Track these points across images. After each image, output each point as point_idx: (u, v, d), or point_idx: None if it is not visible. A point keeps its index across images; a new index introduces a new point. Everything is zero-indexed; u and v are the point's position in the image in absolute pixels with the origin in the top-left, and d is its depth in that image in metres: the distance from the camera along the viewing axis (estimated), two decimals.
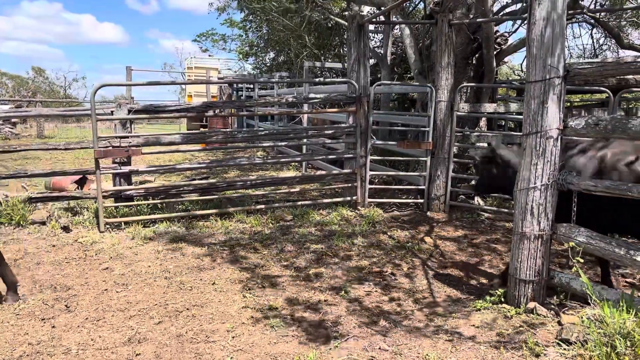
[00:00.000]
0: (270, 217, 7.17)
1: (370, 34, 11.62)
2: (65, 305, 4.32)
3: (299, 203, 7.61)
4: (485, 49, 8.39)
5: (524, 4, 9.04)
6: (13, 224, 6.69)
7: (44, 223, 6.77)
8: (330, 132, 7.89)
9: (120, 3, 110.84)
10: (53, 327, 3.92)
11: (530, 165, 4.04)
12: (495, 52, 8.63)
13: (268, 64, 21.62)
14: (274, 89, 15.37)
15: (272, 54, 21.07)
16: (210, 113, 8.45)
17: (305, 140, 8.22)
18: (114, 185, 7.05)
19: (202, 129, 18.65)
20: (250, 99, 16.98)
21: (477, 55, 8.65)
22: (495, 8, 9.59)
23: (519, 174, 4.17)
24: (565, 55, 4.08)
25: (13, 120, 20.17)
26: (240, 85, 20.04)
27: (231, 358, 3.45)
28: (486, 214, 7.47)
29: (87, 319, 4.06)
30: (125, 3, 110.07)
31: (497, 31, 9.16)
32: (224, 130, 9.68)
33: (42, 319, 4.05)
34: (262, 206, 7.47)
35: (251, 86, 19.05)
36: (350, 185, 7.71)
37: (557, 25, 3.88)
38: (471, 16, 8.33)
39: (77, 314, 4.15)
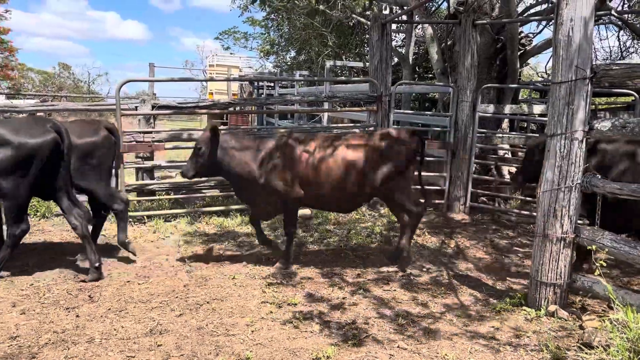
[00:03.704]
0: None
1: (392, 33, 11.57)
2: (89, 296, 4.41)
3: None
4: (509, 49, 8.31)
5: (550, 5, 8.93)
6: (38, 215, 6.84)
7: None
8: (350, 131, 7.88)
9: (144, 1, 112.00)
10: (77, 316, 4.00)
11: (554, 166, 4.01)
12: (519, 53, 8.54)
13: (289, 63, 21.69)
14: (294, 88, 15.43)
15: (292, 53, 21.15)
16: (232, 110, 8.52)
17: None
18: (137, 179, 7.15)
19: (222, 126, 18.79)
20: (271, 97, 17.07)
21: (500, 55, 8.56)
22: (520, 8, 9.49)
23: (543, 175, 4.13)
24: (592, 56, 4.03)
25: (39, 114, 20.54)
26: (261, 83, 20.13)
27: (250, 352, 3.49)
28: (507, 216, 7.41)
29: (109, 309, 4.14)
30: (149, 1, 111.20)
31: (521, 32, 9.06)
32: (245, 127, 9.74)
33: (67, 308, 4.14)
34: None
35: (272, 84, 19.13)
36: None
37: (584, 26, 3.83)
38: (494, 16, 8.26)
39: (100, 305, 4.23)
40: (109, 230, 6.35)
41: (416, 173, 5.46)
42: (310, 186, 5.06)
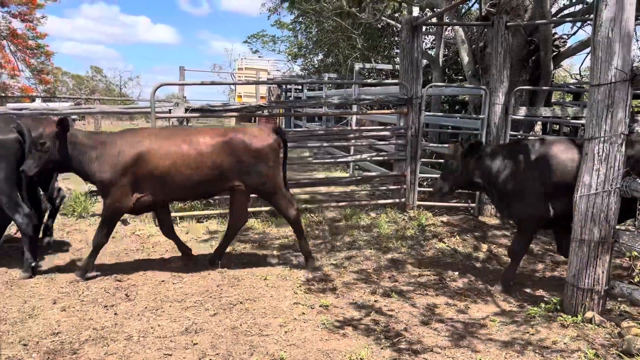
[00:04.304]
0: (319, 217, 7.22)
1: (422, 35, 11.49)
2: (126, 294, 4.51)
3: (347, 204, 7.63)
4: (542, 51, 8.18)
5: (584, 5, 8.77)
6: (75, 215, 7.02)
7: None
8: (380, 133, 7.88)
9: (174, 5, 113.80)
10: (115, 314, 4.10)
11: (592, 170, 3.94)
12: (553, 55, 8.40)
13: (316, 66, 21.80)
14: (322, 90, 15.47)
15: (320, 56, 21.25)
16: (262, 113, 8.60)
17: (353, 141, 8.20)
18: None
19: None
20: (299, 100, 17.15)
21: (533, 57, 8.44)
22: (554, 10, 9.33)
23: (580, 179, 4.06)
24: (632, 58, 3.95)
25: (73, 116, 21.06)
26: (289, 86, 20.28)
27: (284, 352, 3.52)
28: None
29: (146, 308, 4.23)
30: (179, 5, 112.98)
31: (555, 33, 8.91)
32: None
33: (105, 306, 4.25)
34: (311, 206, 7.54)
35: (299, 87, 19.25)
36: (399, 187, 7.68)
37: (624, 27, 3.76)
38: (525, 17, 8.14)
39: (136, 303, 4.33)
40: (143, 230, 6.48)
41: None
42: (157, 182, 4.82)
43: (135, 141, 4.81)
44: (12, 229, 6.23)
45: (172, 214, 6.86)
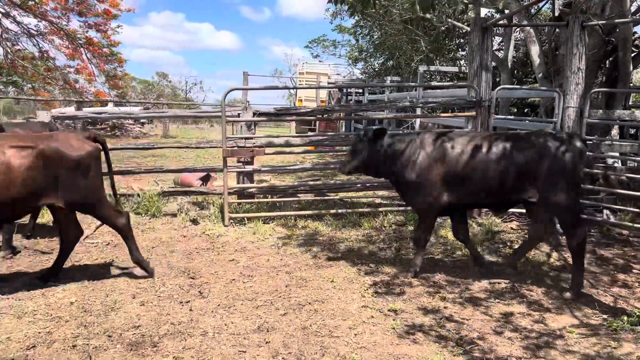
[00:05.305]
0: (383, 219, 7.19)
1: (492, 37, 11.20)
2: (199, 292, 4.67)
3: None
4: (620, 51, 7.80)
5: None
6: (149, 214, 7.33)
7: (175, 215, 7.35)
8: None
9: (236, 12, 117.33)
10: (190, 310, 4.25)
11: None
12: (632, 55, 7.98)
13: (376, 69, 21.73)
14: (384, 94, 15.41)
15: (381, 59, 21.19)
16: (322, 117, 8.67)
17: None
18: (238, 183, 7.48)
19: (309, 132, 19.19)
20: (359, 104, 17.18)
21: (610, 58, 8.05)
22: (633, 8, 8.87)
23: None
24: None
25: (142, 120, 22.06)
26: (349, 90, 20.34)
27: (355, 354, 3.53)
28: (617, 229, 6.91)
29: (219, 305, 4.36)
30: (241, 12, 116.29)
31: (634, 32, 8.47)
32: (339, 133, 9.86)
33: (180, 302, 4.41)
34: (374, 209, 7.52)
35: (360, 91, 19.28)
36: None
37: None
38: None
39: (210, 300, 4.47)
40: (213, 230, 6.68)
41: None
42: None
43: None
44: (91, 226, 6.62)
45: (240, 215, 7.07)
